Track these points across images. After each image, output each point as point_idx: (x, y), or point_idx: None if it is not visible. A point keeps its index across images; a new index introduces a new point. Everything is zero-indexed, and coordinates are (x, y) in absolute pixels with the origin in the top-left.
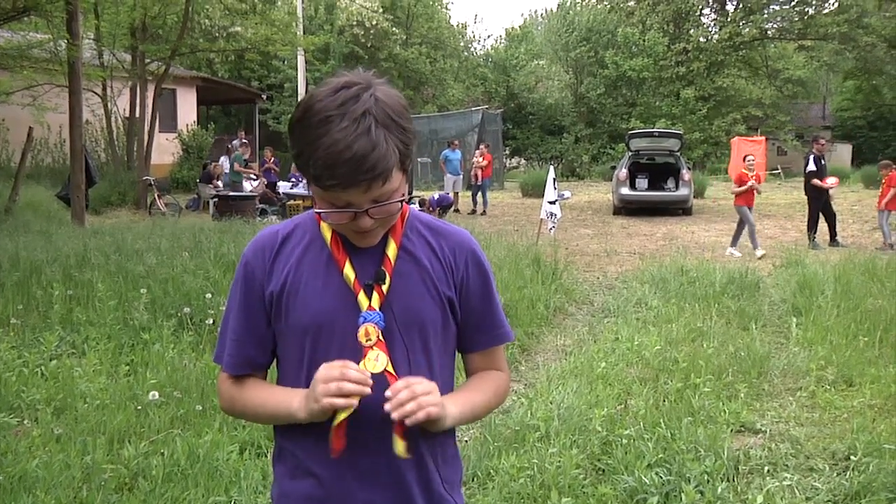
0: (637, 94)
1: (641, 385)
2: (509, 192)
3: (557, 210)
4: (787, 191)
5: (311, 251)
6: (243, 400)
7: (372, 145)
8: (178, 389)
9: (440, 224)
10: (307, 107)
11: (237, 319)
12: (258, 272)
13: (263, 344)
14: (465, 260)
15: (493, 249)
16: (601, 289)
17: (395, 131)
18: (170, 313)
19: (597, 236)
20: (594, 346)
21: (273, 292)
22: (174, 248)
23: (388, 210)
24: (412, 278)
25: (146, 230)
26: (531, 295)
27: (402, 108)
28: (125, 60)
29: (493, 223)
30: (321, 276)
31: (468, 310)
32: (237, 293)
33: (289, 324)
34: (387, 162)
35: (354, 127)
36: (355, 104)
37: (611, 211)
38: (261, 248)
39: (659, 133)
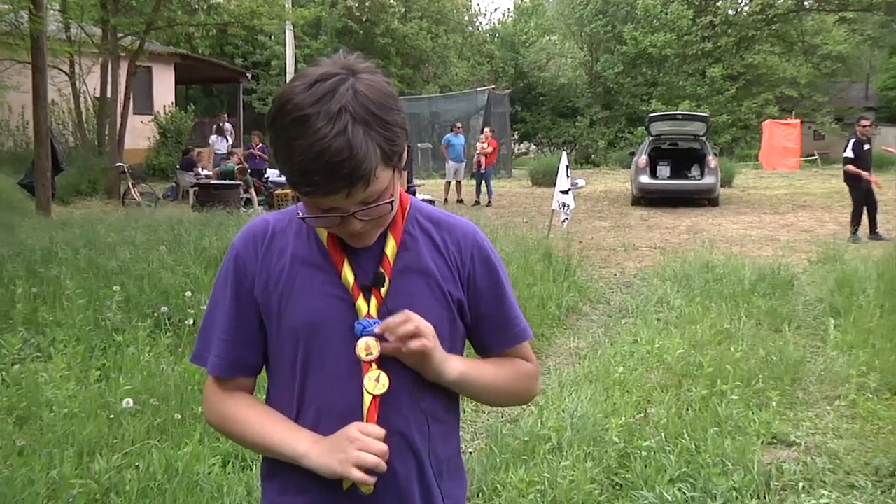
0: (658, 72)
1: (663, 392)
2: (518, 181)
3: (571, 200)
4: (824, 179)
5: (307, 248)
6: (235, 423)
7: (349, 148)
8: (155, 396)
9: (443, 216)
10: (281, 104)
11: (227, 316)
12: (250, 265)
13: (255, 344)
14: (470, 254)
15: (500, 243)
16: (618, 287)
17: (376, 127)
18: (145, 313)
19: (614, 229)
20: (611, 349)
21: (266, 290)
22: (150, 242)
23: (378, 212)
24: (413, 278)
25: (119, 222)
26: (542, 293)
27: (386, 98)
28: (95, 35)
29: (500, 214)
30: (318, 276)
31: (478, 310)
32: (226, 288)
33: (282, 326)
34: (366, 164)
35: (329, 127)
36: (331, 100)
37: (629, 201)
38: (252, 238)
39: (682, 116)
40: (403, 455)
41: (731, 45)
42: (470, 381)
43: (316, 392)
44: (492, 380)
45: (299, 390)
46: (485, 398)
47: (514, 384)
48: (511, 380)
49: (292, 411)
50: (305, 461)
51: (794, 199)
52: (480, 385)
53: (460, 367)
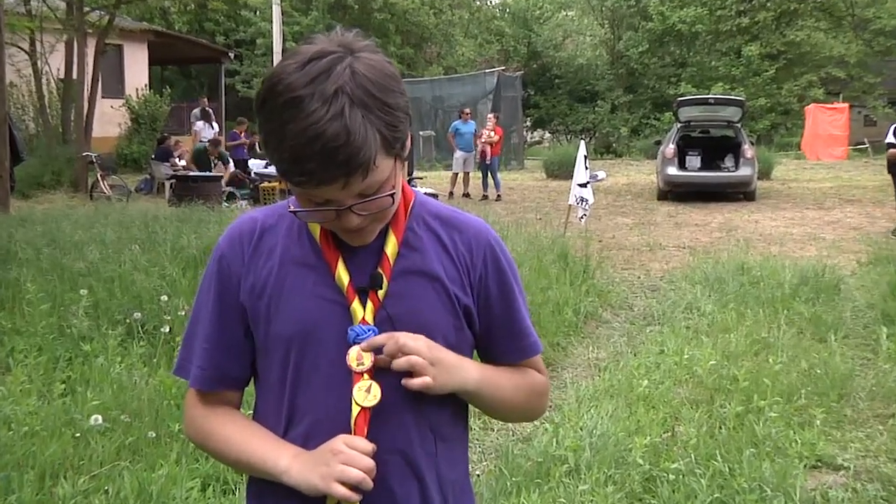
0: (688, 51)
1: (692, 408)
2: (530, 173)
3: (589, 194)
4: (875, 170)
5: (298, 246)
6: (216, 438)
7: (346, 133)
8: (127, 412)
9: (452, 213)
10: (271, 85)
11: (210, 323)
12: (235, 267)
13: (240, 355)
14: (483, 257)
15: (510, 242)
16: (642, 290)
17: (376, 111)
18: (116, 319)
19: (637, 226)
20: (634, 360)
21: (252, 293)
22: (122, 241)
23: (378, 205)
24: (417, 281)
25: (87, 218)
26: (557, 298)
27: (387, 79)
28: (59, 8)
29: (511, 210)
30: (310, 277)
31: (488, 319)
32: (210, 292)
33: (270, 333)
34: (365, 151)
35: (324, 110)
36: (326, 81)
37: (655, 195)
38: (238, 238)
39: (715, 100)
40: (404, 477)
41: (770, 20)
42: (484, 393)
43: (308, 405)
44: (505, 390)
45: (289, 403)
46: (495, 411)
47: (526, 397)
48: (525, 393)
49: (281, 427)
50: (286, 477)
51: (841, 193)
52: (494, 396)
53: (474, 379)
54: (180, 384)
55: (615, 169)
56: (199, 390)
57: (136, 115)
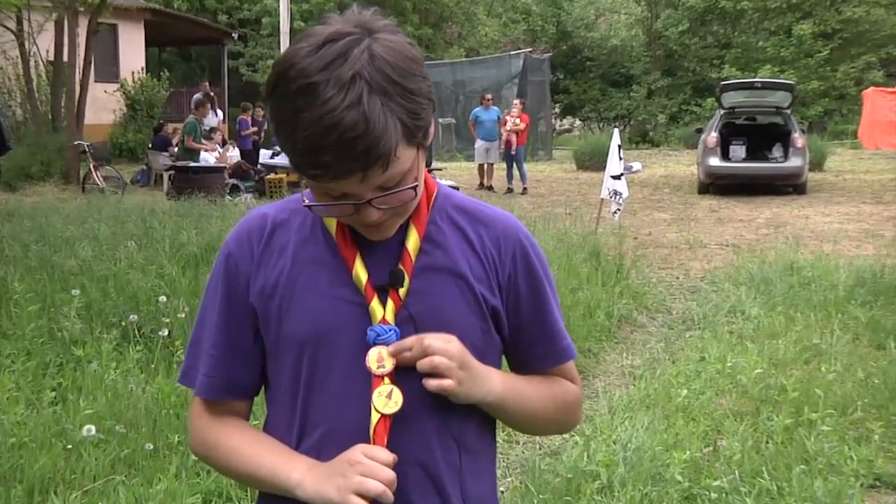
0: (733, 31)
1: (736, 421)
2: (559, 164)
3: (624, 187)
4: None
5: (312, 243)
6: (223, 450)
7: (364, 122)
8: (122, 422)
9: (479, 207)
10: (283, 70)
11: (217, 328)
12: (243, 267)
13: (250, 361)
14: (512, 254)
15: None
16: (682, 292)
17: (397, 98)
18: (111, 322)
19: (676, 222)
20: (672, 367)
21: (263, 295)
22: (116, 237)
23: (399, 198)
24: (440, 279)
25: (79, 212)
26: (588, 300)
27: (409, 62)
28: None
29: (538, 204)
30: (324, 276)
31: (518, 321)
32: (217, 294)
33: (281, 336)
34: (385, 141)
35: (341, 97)
36: (342, 65)
37: (695, 188)
38: (246, 236)
39: (762, 84)
40: (425, 492)
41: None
42: (509, 405)
43: (322, 413)
44: (533, 401)
45: (302, 412)
46: (522, 424)
47: (556, 409)
48: (555, 404)
49: (293, 437)
50: (299, 491)
51: None
52: (520, 407)
53: (498, 390)
54: (180, 392)
55: (652, 160)
56: (206, 400)
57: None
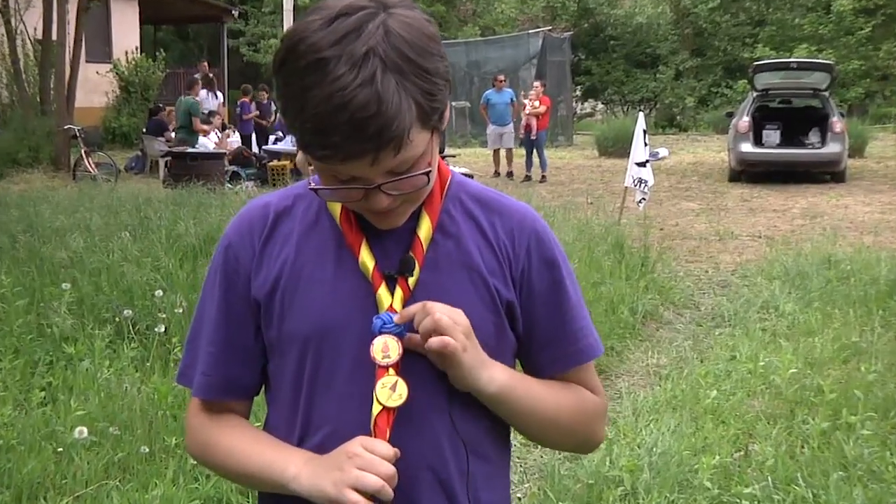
0: (767, 7)
1: (769, 424)
2: (580, 150)
3: (649, 175)
4: None
5: (316, 233)
6: (218, 450)
7: (377, 101)
8: (116, 424)
9: (494, 196)
10: (292, 45)
11: (215, 324)
12: (244, 260)
13: (250, 359)
14: (526, 246)
15: (557, 230)
16: (711, 286)
17: (412, 77)
18: (103, 318)
19: (705, 212)
20: (701, 367)
21: (264, 288)
22: (109, 227)
23: (411, 184)
24: (452, 271)
25: (69, 201)
26: (611, 295)
27: (426, 40)
28: None
29: (558, 193)
30: (329, 267)
31: (534, 317)
32: (214, 288)
33: (284, 332)
34: (399, 123)
35: (353, 74)
36: (356, 40)
37: (725, 176)
38: (247, 227)
39: (798, 64)
40: (434, 497)
41: None
42: (514, 399)
43: (326, 414)
44: (544, 403)
45: (304, 412)
46: (532, 429)
47: (573, 418)
48: (570, 411)
49: (294, 439)
50: (295, 485)
51: None
52: (527, 407)
53: (502, 378)
54: (177, 392)
55: (679, 145)
56: (204, 400)
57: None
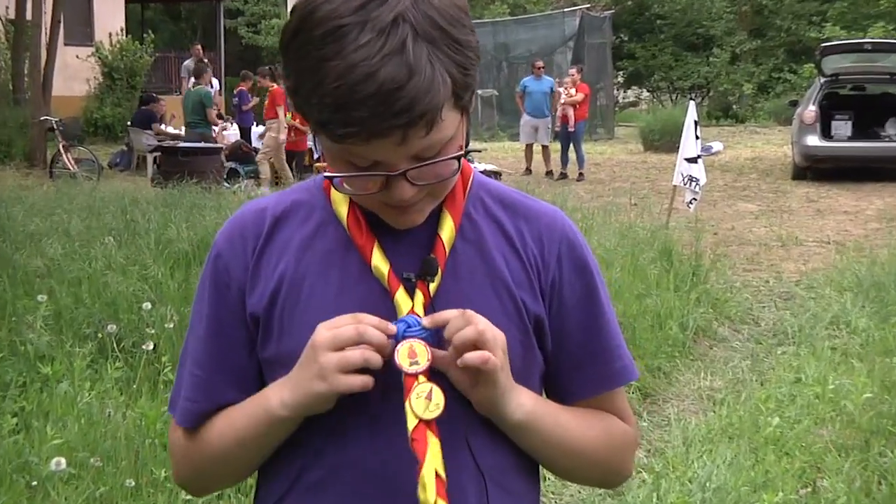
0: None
1: (840, 456)
2: (623, 144)
3: (701, 173)
4: None
5: (320, 239)
6: (203, 443)
7: (408, 71)
8: (98, 455)
9: (520, 198)
10: (307, 12)
11: (203, 343)
12: (235, 271)
13: (243, 382)
14: (556, 254)
15: (596, 234)
16: (772, 299)
17: (445, 47)
18: (84, 333)
19: (765, 214)
20: (761, 390)
21: (261, 304)
22: (91, 231)
23: (438, 172)
24: (474, 282)
25: (46, 201)
26: (658, 308)
27: (456, 9)
28: None
29: (597, 193)
30: (334, 277)
31: (564, 334)
32: (203, 303)
33: (283, 350)
34: (433, 96)
35: (380, 42)
36: (381, 6)
37: (789, 173)
38: (239, 234)
39: (873, 46)
40: None
41: None
42: (540, 429)
43: (334, 446)
44: (572, 434)
45: (305, 440)
46: (556, 462)
47: (601, 450)
48: (599, 443)
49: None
50: (285, 411)
51: None
52: (553, 438)
53: (529, 405)
54: (167, 418)
55: (735, 139)
56: (188, 430)
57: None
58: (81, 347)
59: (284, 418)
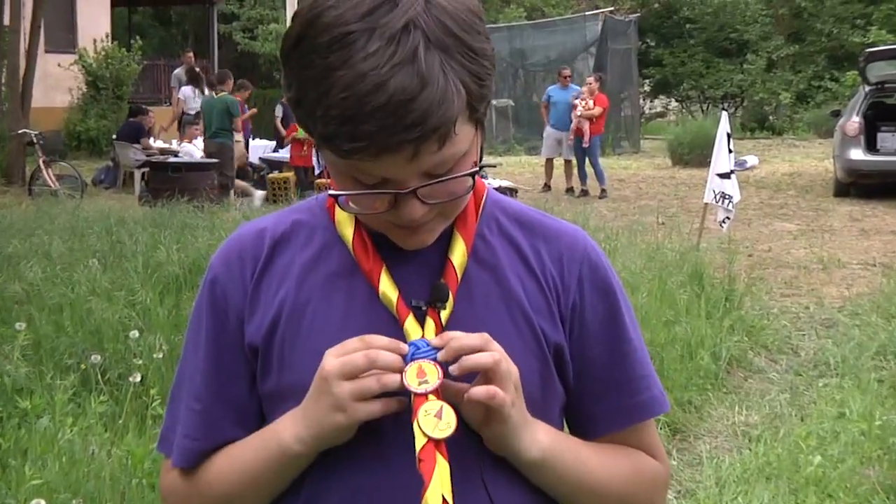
0: None
1: (888, 498)
2: (649, 158)
3: (734, 189)
4: None
5: (323, 263)
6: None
7: (420, 81)
8: (80, 496)
9: (537, 216)
10: (312, 17)
11: (201, 374)
12: (234, 297)
13: (245, 418)
14: (577, 276)
15: (620, 256)
16: (813, 326)
17: (459, 55)
18: (66, 364)
19: (805, 234)
20: (801, 426)
21: (259, 333)
22: (74, 254)
23: (451, 189)
24: (489, 308)
25: (24, 221)
26: (688, 336)
27: (471, 15)
28: None
29: (621, 211)
30: (339, 303)
31: (586, 361)
32: (200, 332)
33: (284, 384)
34: (446, 108)
35: (390, 51)
36: (391, 12)
37: (830, 190)
38: (237, 257)
39: None
40: None
41: None
42: (559, 468)
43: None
44: (595, 473)
45: (310, 485)
46: (580, 502)
47: (628, 491)
48: (626, 482)
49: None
50: (301, 446)
51: None
52: (574, 477)
53: (546, 441)
54: (156, 456)
55: (772, 152)
56: (184, 470)
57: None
58: (63, 380)
59: (300, 454)
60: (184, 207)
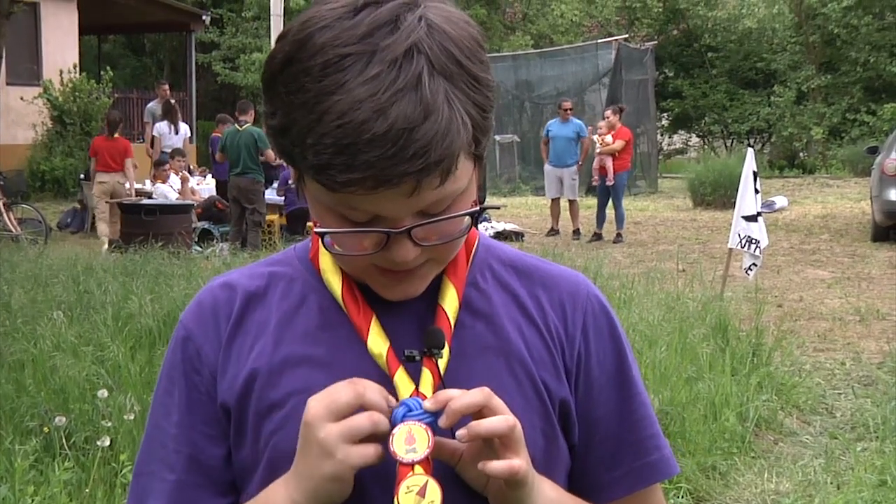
0: None
1: None
2: (668, 199)
3: (762, 233)
4: None
5: (304, 315)
6: None
7: (424, 109)
8: None
9: (534, 262)
10: (303, 38)
11: (173, 441)
12: (207, 355)
13: (220, 486)
14: (582, 325)
15: (636, 306)
16: (849, 385)
17: (463, 84)
18: (27, 427)
19: (840, 283)
20: (837, 495)
21: (231, 393)
22: (37, 305)
23: (447, 230)
24: (485, 362)
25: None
26: (711, 394)
27: (472, 42)
28: None
29: (637, 257)
30: (324, 360)
31: (592, 420)
32: (172, 394)
33: (261, 450)
34: (451, 140)
35: (392, 76)
36: (392, 35)
37: (868, 234)
38: (210, 311)
39: None
40: None
41: None
42: None
43: None
44: None
45: None
46: None
47: None
48: None
49: None
50: None
51: None
52: None
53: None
54: None
55: (803, 192)
56: None
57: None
58: (23, 444)
59: None
60: (158, 254)
